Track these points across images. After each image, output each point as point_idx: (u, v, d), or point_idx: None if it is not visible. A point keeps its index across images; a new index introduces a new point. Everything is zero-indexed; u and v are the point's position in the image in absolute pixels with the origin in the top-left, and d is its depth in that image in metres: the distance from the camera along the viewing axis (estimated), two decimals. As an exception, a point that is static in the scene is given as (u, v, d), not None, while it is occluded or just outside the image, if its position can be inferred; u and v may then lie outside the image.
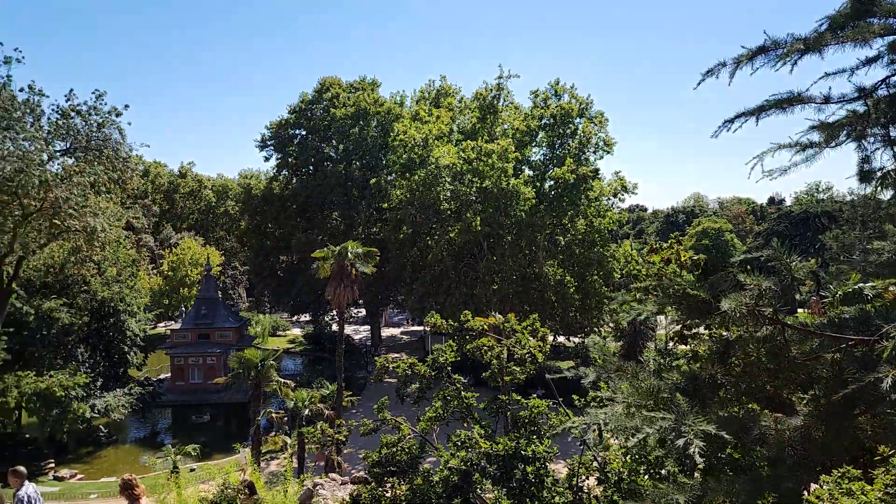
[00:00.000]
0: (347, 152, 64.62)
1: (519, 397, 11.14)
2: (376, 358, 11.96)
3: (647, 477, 9.99)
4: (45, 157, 30.62)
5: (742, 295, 4.97)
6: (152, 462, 33.90)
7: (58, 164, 32.16)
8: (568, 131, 51.84)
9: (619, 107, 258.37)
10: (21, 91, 30.06)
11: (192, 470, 32.60)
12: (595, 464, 10.73)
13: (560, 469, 11.39)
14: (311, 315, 75.64)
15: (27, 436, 43.14)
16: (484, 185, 46.83)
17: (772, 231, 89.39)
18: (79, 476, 38.41)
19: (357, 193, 63.42)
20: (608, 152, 52.19)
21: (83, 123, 32.08)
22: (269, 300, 78.56)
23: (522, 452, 9.35)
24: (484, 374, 11.93)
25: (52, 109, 31.60)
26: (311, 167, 67.01)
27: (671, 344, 53.66)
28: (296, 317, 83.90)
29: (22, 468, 12.23)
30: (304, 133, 67.54)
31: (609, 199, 51.77)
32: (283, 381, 35.24)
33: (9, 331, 38.20)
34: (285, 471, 22.41)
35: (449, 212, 48.93)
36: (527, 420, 10.35)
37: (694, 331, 10.42)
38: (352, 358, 60.05)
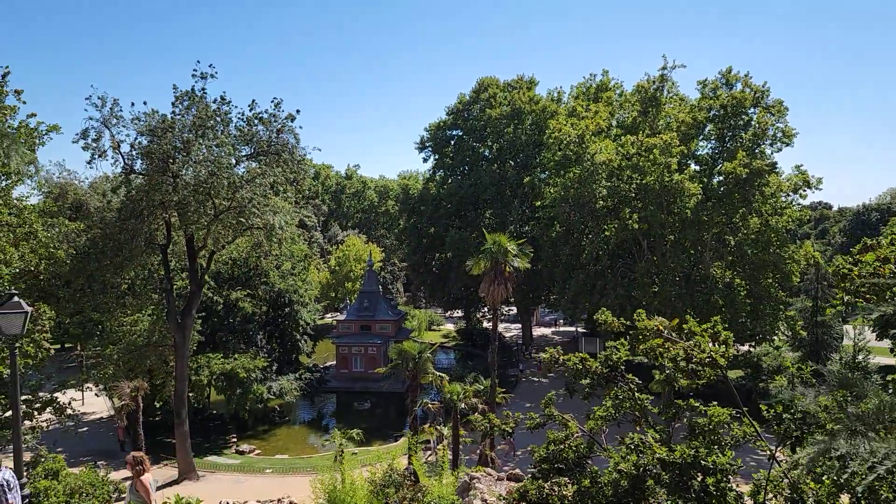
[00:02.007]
0: (501, 151, 65.03)
1: (697, 404, 10.19)
2: (547, 348, 11.59)
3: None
4: (233, 161, 33.65)
5: None
6: (323, 443, 36.31)
7: (243, 167, 35.11)
8: (740, 123, 47.59)
9: (801, 97, 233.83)
10: (214, 102, 33.56)
11: (354, 454, 34.52)
12: (785, 482, 9.50)
13: (739, 487, 10.28)
14: (464, 311, 77.20)
15: (214, 412, 48.44)
16: (644, 182, 44.46)
17: None
18: (256, 451, 42.13)
19: (510, 192, 63.57)
20: (787, 144, 47.05)
21: (264, 130, 34.85)
22: (425, 295, 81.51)
23: (703, 462, 8.47)
24: (657, 377, 11.10)
25: (238, 117, 34.96)
26: (466, 167, 68.29)
27: (861, 356, 47.34)
28: (449, 312, 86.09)
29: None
30: (460, 133, 69.06)
31: (788, 195, 46.70)
32: (438, 373, 36.12)
33: (202, 316, 42.94)
34: (441, 461, 22.86)
35: (605, 209, 47.13)
36: (706, 428, 9.41)
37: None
38: (503, 355, 60.24)
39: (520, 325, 76.30)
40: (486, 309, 71.96)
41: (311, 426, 50.75)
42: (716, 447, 9.05)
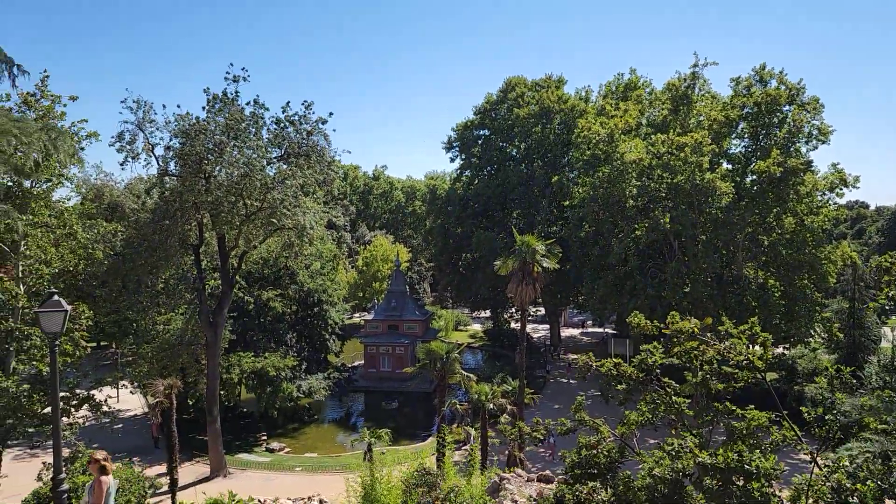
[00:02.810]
0: (529, 151, 64.71)
1: (734, 407, 9.98)
2: (579, 355, 11.47)
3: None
4: (264, 163, 34.12)
5: None
6: (352, 442, 36.53)
7: (274, 169, 35.54)
8: (775, 120, 46.60)
9: (839, 95, 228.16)
10: (248, 105, 34.05)
11: (382, 453, 34.59)
12: (827, 486, 9.23)
13: (780, 492, 10.02)
14: (491, 312, 76.99)
15: (245, 410, 49.12)
16: (675, 181, 43.81)
17: None
18: (286, 449, 42.53)
19: (538, 192, 63.21)
20: (823, 142, 45.91)
21: (295, 132, 35.24)
22: (452, 295, 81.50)
23: (746, 466, 8.27)
24: (689, 379, 10.90)
25: (271, 120, 35.41)
26: (494, 167, 68.16)
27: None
28: (476, 313, 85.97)
29: None
30: (487, 133, 68.92)
31: (824, 193, 45.56)
32: (466, 374, 36.02)
33: (233, 316, 43.57)
34: (473, 461, 22.72)
35: (635, 209, 46.59)
36: (744, 432, 9.19)
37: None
38: (531, 356, 59.88)
39: (548, 326, 75.83)
40: (513, 309, 71.68)
41: (340, 425, 51.08)
42: (758, 451, 8.84)
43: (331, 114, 35.81)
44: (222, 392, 41.58)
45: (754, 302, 42.73)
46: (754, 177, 46.10)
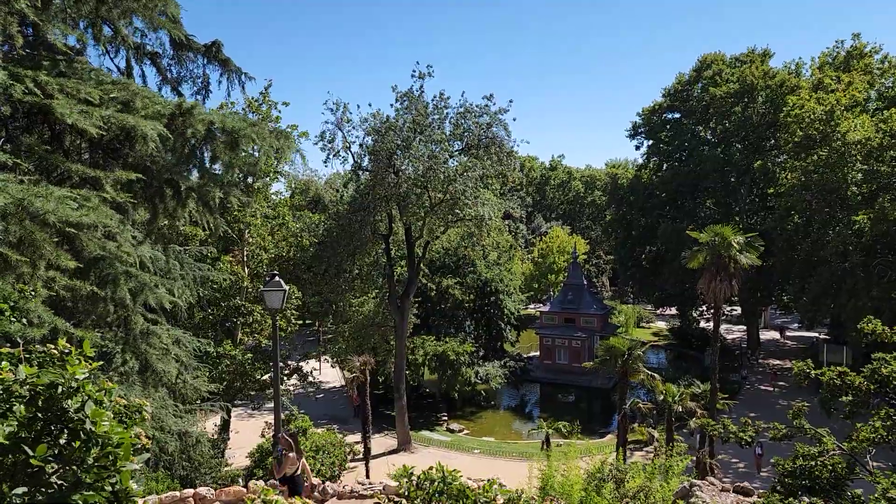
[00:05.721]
0: (727, 134, 59.08)
1: None
2: (793, 361, 10.21)
3: None
4: (447, 156, 35.51)
5: None
6: (529, 431, 36.81)
7: (455, 161, 36.84)
8: None
9: None
10: (432, 99, 35.63)
11: (559, 445, 34.27)
12: None
13: None
14: (678, 309, 72.23)
15: (427, 390, 51.71)
16: (915, 164, 37.44)
17: None
18: (465, 431, 44.02)
19: (736, 179, 57.69)
20: None
21: (475, 125, 36.15)
22: (633, 290, 78.00)
23: None
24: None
25: (454, 112, 36.65)
26: (684, 153, 63.43)
27: None
28: (660, 309, 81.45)
29: None
30: (677, 116, 64.34)
31: None
32: (649, 372, 34.27)
33: (417, 301, 46.07)
34: (667, 464, 21.46)
35: (859, 197, 40.57)
36: None
37: None
38: (724, 359, 55.19)
39: (744, 328, 69.27)
40: (703, 307, 66.43)
41: (515, 413, 51.58)
42: None
43: (511, 101, 36.19)
44: (408, 372, 44.16)
45: None
46: None
